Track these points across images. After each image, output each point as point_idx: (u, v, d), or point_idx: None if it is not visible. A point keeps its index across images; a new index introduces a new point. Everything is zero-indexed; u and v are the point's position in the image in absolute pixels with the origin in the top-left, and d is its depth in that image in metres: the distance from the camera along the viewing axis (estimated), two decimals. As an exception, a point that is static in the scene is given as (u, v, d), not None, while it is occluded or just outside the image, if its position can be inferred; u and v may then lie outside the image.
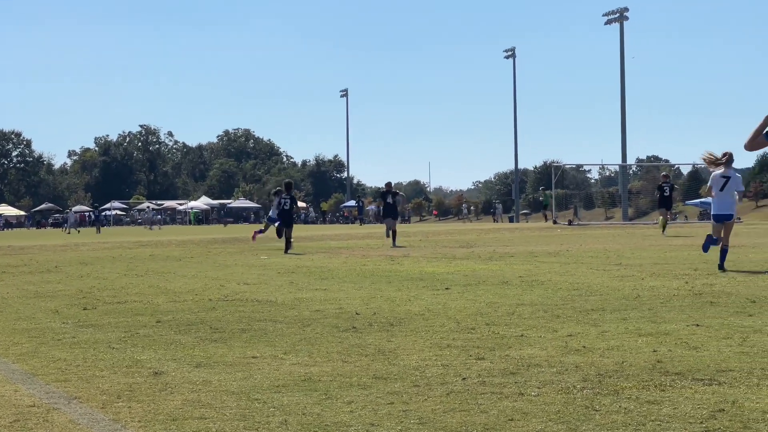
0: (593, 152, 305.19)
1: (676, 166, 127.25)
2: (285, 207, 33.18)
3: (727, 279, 16.39)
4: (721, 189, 19.65)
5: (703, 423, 6.14)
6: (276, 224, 34.06)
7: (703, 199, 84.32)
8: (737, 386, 7.29)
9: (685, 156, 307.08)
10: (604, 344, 9.48)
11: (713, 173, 19.74)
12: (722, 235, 19.57)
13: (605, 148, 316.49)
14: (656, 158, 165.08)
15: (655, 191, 46.03)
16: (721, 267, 18.46)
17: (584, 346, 9.36)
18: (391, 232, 36.05)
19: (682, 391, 7.15)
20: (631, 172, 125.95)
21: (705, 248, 20.55)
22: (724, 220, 19.64)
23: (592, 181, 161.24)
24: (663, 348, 9.17)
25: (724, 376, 7.70)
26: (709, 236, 20.15)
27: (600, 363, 8.42)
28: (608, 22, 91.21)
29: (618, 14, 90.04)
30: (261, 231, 38.46)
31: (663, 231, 39.48)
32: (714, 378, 7.61)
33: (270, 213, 36.43)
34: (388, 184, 37.78)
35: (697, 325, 10.70)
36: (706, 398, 6.87)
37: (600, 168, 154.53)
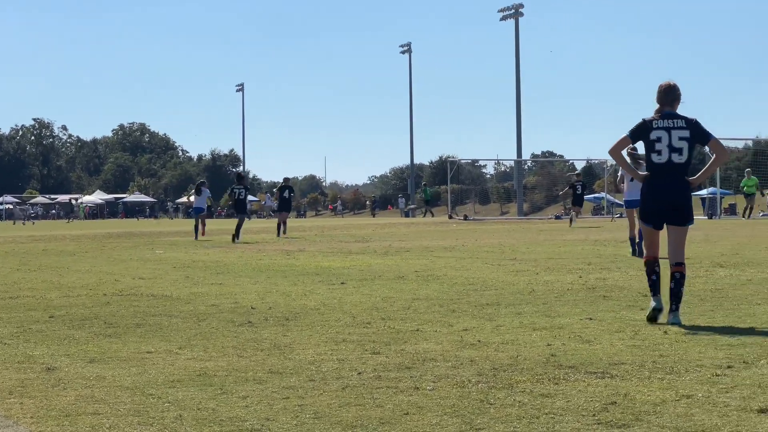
0: (489, 148, 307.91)
1: (571, 161, 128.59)
2: (240, 197, 35.68)
3: (620, 273, 16.61)
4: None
5: (595, 415, 6.21)
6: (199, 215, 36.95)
7: (596, 194, 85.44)
8: (629, 379, 7.38)
9: (579, 151, 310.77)
10: (499, 338, 9.55)
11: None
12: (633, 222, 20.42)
13: (501, 144, 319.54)
14: (551, 153, 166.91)
15: (568, 188, 49.15)
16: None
17: (479, 341, 9.42)
18: (282, 224, 38.21)
19: (576, 384, 7.23)
20: (526, 167, 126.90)
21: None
22: (635, 206, 19.99)
23: (488, 176, 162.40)
24: (557, 342, 9.26)
25: (616, 369, 7.80)
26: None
27: (495, 357, 8.48)
28: (503, 18, 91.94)
29: (513, 10, 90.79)
30: (197, 224, 38.57)
31: (570, 224, 42.83)
32: (606, 371, 7.70)
33: (195, 204, 38.13)
34: (286, 179, 39.76)
35: (590, 319, 10.83)
36: (598, 391, 6.95)
37: (495, 163, 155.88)
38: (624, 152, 11.80)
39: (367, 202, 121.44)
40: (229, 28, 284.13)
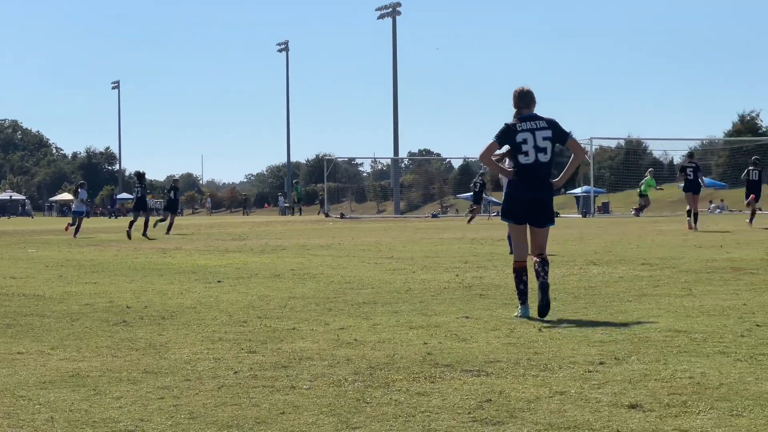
0: (366, 146, 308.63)
1: (448, 159, 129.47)
2: (139, 195, 36.76)
3: (496, 272, 16.77)
4: None
5: (471, 413, 6.26)
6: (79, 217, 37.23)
7: (470, 194, 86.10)
8: (504, 377, 7.45)
9: (456, 150, 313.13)
10: (376, 337, 9.57)
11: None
12: None
13: (378, 142, 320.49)
14: (428, 152, 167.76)
15: (471, 186, 51.88)
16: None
17: (356, 339, 9.43)
18: (170, 224, 38.88)
19: (451, 382, 7.27)
20: (403, 165, 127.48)
21: None
22: None
23: (365, 174, 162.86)
24: (433, 340, 9.31)
25: (491, 367, 7.87)
26: None
27: (371, 356, 8.49)
28: (381, 17, 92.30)
29: (391, 9, 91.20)
30: (73, 224, 38.44)
31: (469, 222, 46.99)
32: (482, 369, 7.76)
33: (74, 207, 38.98)
34: (175, 180, 42.40)
35: (467, 318, 10.91)
36: (474, 389, 7.00)
37: (372, 161, 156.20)
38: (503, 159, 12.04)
39: (249, 200, 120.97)
40: (104, 25, 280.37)
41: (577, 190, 70.96)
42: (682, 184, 33.62)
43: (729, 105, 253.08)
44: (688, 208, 32.91)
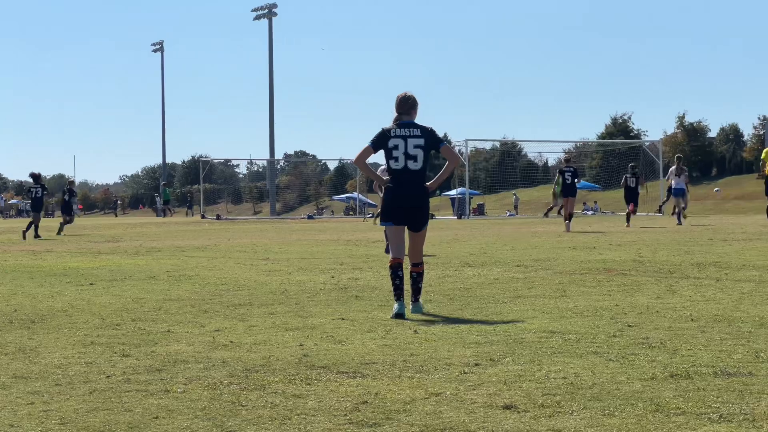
0: (242, 147, 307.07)
1: (323, 161, 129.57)
2: (37, 195, 37.49)
3: (372, 273, 16.80)
4: None
5: (347, 415, 6.24)
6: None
7: (349, 194, 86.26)
8: (380, 378, 7.45)
9: (331, 151, 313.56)
10: (252, 339, 9.51)
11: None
12: None
13: (254, 143, 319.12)
14: (304, 153, 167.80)
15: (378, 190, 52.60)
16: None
17: (231, 341, 9.36)
18: (65, 226, 39.63)
19: (328, 384, 7.25)
20: (279, 167, 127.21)
21: None
22: None
23: (241, 175, 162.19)
24: (309, 342, 9.28)
25: (367, 368, 7.86)
26: None
27: (247, 358, 8.43)
28: (257, 18, 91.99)
29: (267, 10, 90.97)
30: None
31: (375, 222, 44.05)
32: (358, 371, 7.75)
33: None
34: (71, 183, 42.31)
35: (343, 319, 10.90)
36: (350, 391, 6.98)
37: (248, 163, 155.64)
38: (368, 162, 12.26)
39: (118, 202, 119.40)
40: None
41: (452, 192, 71.43)
42: (558, 187, 34.67)
43: (602, 107, 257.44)
44: (564, 209, 33.78)
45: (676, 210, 39.77)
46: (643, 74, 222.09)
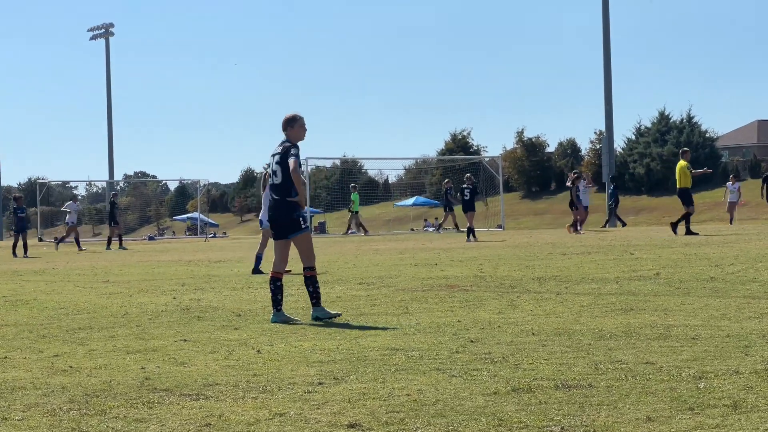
0: (80, 168, 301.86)
1: (164, 181, 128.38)
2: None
3: (214, 294, 16.66)
4: None
5: (190, 438, 6.17)
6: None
7: (190, 215, 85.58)
8: (223, 399, 7.40)
9: (172, 172, 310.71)
10: (92, 363, 9.34)
11: None
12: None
13: (93, 164, 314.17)
14: (144, 174, 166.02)
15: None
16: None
17: (71, 366, 9.18)
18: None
19: (170, 407, 7.17)
20: (118, 188, 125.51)
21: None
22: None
23: (80, 197, 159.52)
24: (151, 364, 9.16)
25: (210, 390, 7.80)
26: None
27: (87, 383, 8.28)
28: (94, 38, 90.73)
29: (103, 30, 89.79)
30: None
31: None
32: (201, 392, 7.68)
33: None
34: (19, 198, 40.89)
35: (185, 340, 10.79)
36: (193, 413, 6.91)
37: (87, 184, 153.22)
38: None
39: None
40: None
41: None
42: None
43: (442, 124, 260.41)
44: (468, 225, 36.30)
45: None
46: (482, 91, 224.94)
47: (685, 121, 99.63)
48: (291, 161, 12.51)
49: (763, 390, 7.15)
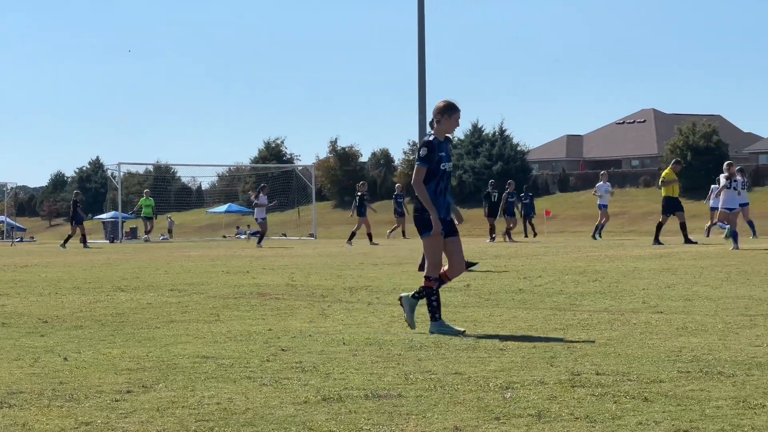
0: None
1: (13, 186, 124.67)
2: None
3: (20, 299, 16.26)
4: None
5: (-8, 448, 6.01)
6: None
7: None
8: (28, 408, 7.22)
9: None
10: None
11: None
12: None
13: None
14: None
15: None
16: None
17: None
18: None
19: (-29, 416, 6.96)
20: None
21: None
22: None
23: None
24: (-48, 372, 8.88)
25: (14, 398, 7.60)
26: None
27: None
28: None
29: None
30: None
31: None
32: (5, 401, 7.48)
33: None
34: None
35: (-12, 347, 10.51)
36: (-5, 422, 6.74)
37: None
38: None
39: None
40: None
41: (105, 216, 70.27)
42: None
43: (255, 132, 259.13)
44: (395, 226, 41.78)
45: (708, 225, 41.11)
46: (296, 99, 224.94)
47: (497, 134, 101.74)
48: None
49: (566, 400, 7.32)
